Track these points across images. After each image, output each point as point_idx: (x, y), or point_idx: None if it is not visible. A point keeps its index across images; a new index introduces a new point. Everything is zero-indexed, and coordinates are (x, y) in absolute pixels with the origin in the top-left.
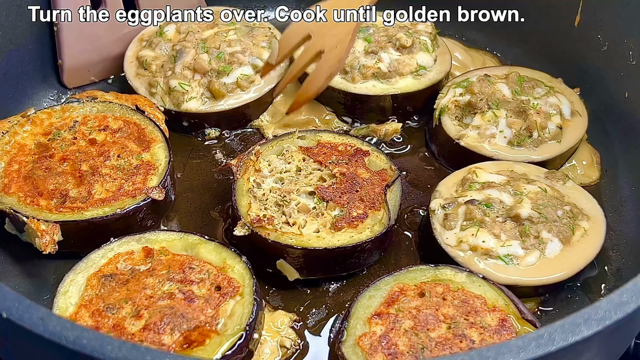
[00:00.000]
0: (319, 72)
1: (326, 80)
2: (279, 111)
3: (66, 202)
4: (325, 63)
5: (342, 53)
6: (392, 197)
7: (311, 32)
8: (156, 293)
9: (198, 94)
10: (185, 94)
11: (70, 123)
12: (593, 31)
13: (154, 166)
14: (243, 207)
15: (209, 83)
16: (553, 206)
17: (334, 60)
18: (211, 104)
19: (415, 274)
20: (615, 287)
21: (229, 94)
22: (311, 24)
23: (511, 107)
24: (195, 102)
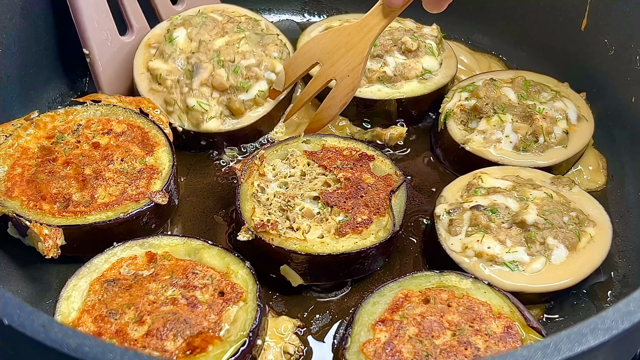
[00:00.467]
0: (332, 101)
1: (340, 108)
2: (293, 121)
3: (69, 206)
4: (339, 92)
5: (355, 82)
6: (397, 203)
7: (319, 60)
8: (159, 298)
9: (217, 113)
10: (204, 113)
11: (74, 126)
12: (600, 35)
13: (158, 170)
14: (247, 212)
15: (229, 101)
16: (559, 212)
17: (348, 88)
18: (231, 122)
19: (420, 280)
20: (621, 294)
21: (247, 111)
22: (319, 52)
23: (517, 112)
24: (215, 122)
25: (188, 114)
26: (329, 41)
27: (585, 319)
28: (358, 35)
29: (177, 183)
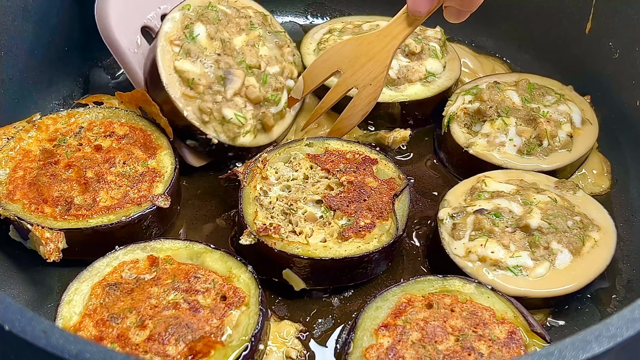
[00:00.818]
0: (353, 110)
1: (361, 117)
2: (299, 126)
3: (71, 209)
4: (360, 101)
5: (377, 91)
6: (400, 207)
7: (340, 68)
8: (161, 303)
9: (252, 127)
10: (241, 127)
11: (76, 129)
12: (604, 38)
13: (160, 173)
14: (249, 216)
15: (264, 116)
16: (563, 216)
17: (369, 97)
18: (262, 137)
19: (423, 285)
20: (625, 299)
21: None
22: (340, 60)
23: (521, 115)
24: (250, 136)
25: (224, 125)
26: (350, 50)
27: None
28: (380, 44)
29: (180, 186)
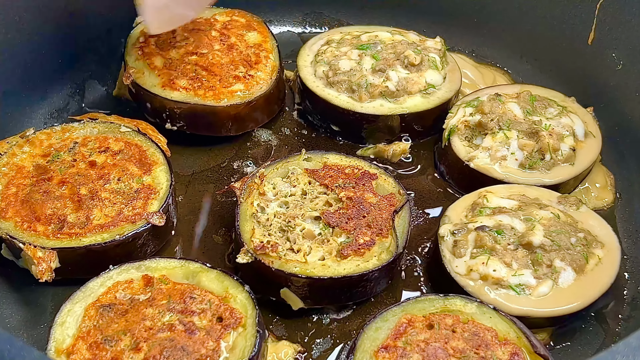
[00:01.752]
0: None
1: None
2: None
3: (64, 227)
4: None
5: None
6: (400, 224)
7: None
8: (156, 324)
9: None
10: None
11: (70, 144)
12: (608, 49)
13: (155, 190)
14: (246, 233)
15: None
16: (566, 233)
17: None
18: None
19: (424, 304)
20: (630, 317)
21: None
22: None
23: (523, 128)
24: None
25: None
26: None
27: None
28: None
29: (175, 202)
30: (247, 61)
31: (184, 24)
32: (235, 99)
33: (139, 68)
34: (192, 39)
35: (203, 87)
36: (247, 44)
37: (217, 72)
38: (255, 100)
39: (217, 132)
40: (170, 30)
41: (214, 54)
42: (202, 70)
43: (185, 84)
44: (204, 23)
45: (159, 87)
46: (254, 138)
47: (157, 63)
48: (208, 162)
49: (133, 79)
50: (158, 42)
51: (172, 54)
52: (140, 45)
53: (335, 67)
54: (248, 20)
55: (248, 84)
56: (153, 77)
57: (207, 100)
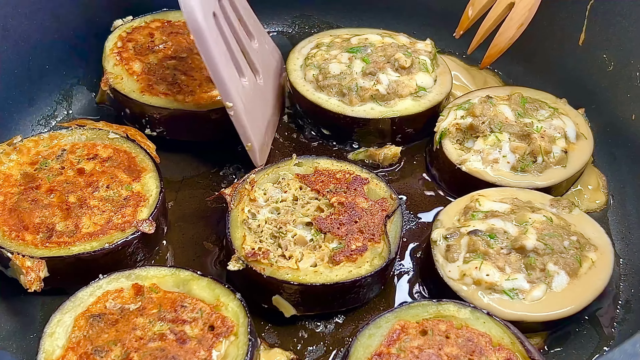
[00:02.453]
0: (509, 23)
1: (518, 30)
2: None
3: (52, 236)
4: (516, 14)
5: (533, 2)
6: (392, 228)
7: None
8: (146, 334)
9: None
10: None
11: (58, 152)
12: (598, 51)
13: (145, 197)
14: (237, 240)
15: None
16: (559, 236)
17: (525, 9)
18: None
19: (417, 310)
20: (624, 320)
21: None
22: None
23: (514, 131)
24: None
25: None
26: None
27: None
28: None
29: (165, 209)
30: None
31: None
32: (215, 103)
33: (118, 73)
34: (171, 42)
35: (183, 92)
36: None
37: (197, 76)
38: None
39: (198, 138)
40: (149, 34)
41: (193, 58)
42: (181, 75)
43: (164, 89)
44: (182, 26)
45: (137, 92)
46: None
47: (135, 68)
48: (198, 168)
49: (111, 85)
50: (136, 46)
51: (151, 59)
52: (118, 50)
53: (325, 70)
54: None
55: None
56: (132, 83)
57: (187, 105)
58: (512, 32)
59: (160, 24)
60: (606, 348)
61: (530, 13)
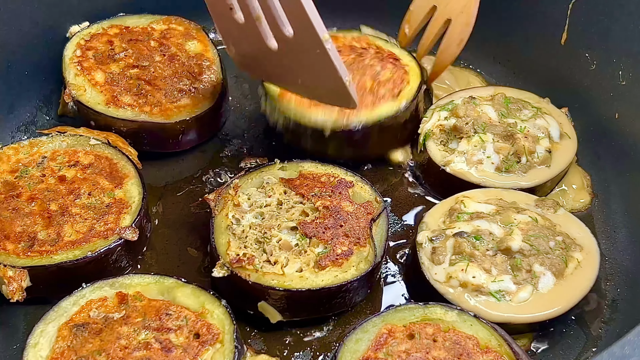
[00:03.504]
0: (449, 40)
1: (458, 46)
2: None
3: (34, 245)
4: (454, 30)
5: (469, 17)
6: (378, 232)
7: (436, 3)
8: (131, 343)
9: None
10: None
11: (39, 159)
12: (581, 50)
13: (127, 204)
14: (222, 246)
15: None
16: (545, 237)
17: (463, 25)
18: None
19: (404, 314)
20: (611, 319)
21: None
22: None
23: (498, 131)
24: None
25: None
26: None
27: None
28: None
29: (149, 216)
30: (191, 73)
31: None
32: (183, 114)
33: (80, 84)
34: (131, 50)
35: (149, 103)
36: (188, 54)
37: (161, 85)
38: (203, 114)
39: (163, 148)
40: (108, 42)
41: (155, 66)
42: (145, 85)
43: (129, 100)
44: (141, 32)
45: (102, 104)
46: (227, 147)
47: (98, 78)
48: (181, 173)
49: (75, 97)
50: (97, 55)
51: (113, 68)
52: (79, 59)
53: None
54: (186, 28)
55: (194, 97)
56: (95, 94)
57: (154, 117)
58: (453, 50)
59: (119, 31)
60: (594, 349)
61: (468, 27)
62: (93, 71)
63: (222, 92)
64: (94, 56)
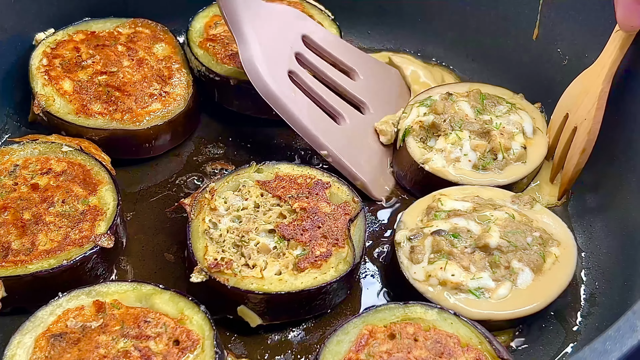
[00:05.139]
0: (573, 150)
1: (581, 156)
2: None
3: (8, 255)
4: (577, 139)
5: (590, 124)
6: (356, 232)
7: (569, 111)
8: (110, 352)
9: None
10: None
11: (10, 167)
12: (552, 45)
13: (102, 211)
14: (199, 251)
15: None
16: (522, 232)
17: (585, 133)
18: None
19: (384, 314)
20: (590, 314)
21: None
22: (568, 102)
23: (474, 128)
24: None
25: None
26: (574, 88)
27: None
28: (593, 75)
29: (124, 222)
30: (160, 76)
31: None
32: (155, 119)
33: (48, 95)
34: (99, 56)
35: (119, 110)
36: (157, 57)
37: (131, 91)
38: (175, 118)
39: (136, 155)
40: (74, 49)
41: (124, 72)
42: (115, 91)
43: (100, 108)
44: (108, 37)
45: (72, 114)
46: (201, 150)
47: (66, 87)
48: (155, 177)
49: (44, 108)
50: (63, 63)
51: (81, 76)
52: (45, 68)
53: None
54: (153, 30)
55: (165, 101)
56: (65, 104)
57: (125, 124)
58: (575, 159)
59: (85, 37)
60: (574, 343)
61: (590, 136)
62: (61, 80)
63: (193, 94)
64: (61, 64)
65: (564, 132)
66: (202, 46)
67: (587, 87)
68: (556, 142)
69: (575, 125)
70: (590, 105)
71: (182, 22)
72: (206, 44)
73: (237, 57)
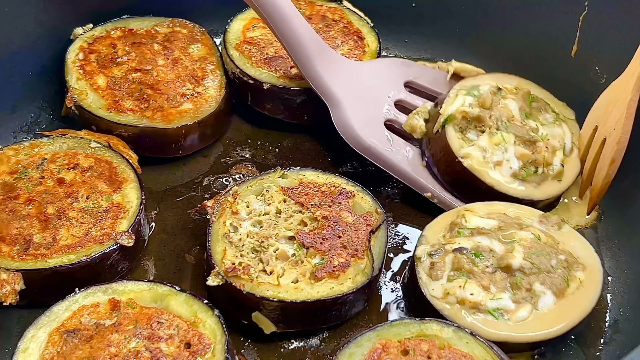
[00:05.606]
0: (602, 161)
1: (610, 167)
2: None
3: (29, 248)
4: (606, 149)
5: (619, 134)
6: (376, 244)
7: (597, 123)
8: (121, 351)
9: None
10: None
11: (39, 161)
12: (591, 63)
13: (125, 209)
14: (217, 254)
15: None
16: (547, 255)
17: (613, 143)
18: None
19: (399, 329)
20: (612, 340)
21: None
22: (596, 115)
23: (521, 134)
24: None
25: None
26: (602, 100)
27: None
28: (622, 85)
29: (146, 221)
30: (194, 77)
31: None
32: (185, 119)
33: (82, 89)
34: (134, 53)
35: (150, 108)
36: (192, 57)
37: (164, 90)
38: (205, 119)
39: (164, 154)
40: (111, 45)
41: (158, 70)
42: (147, 89)
43: (131, 105)
44: (145, 35)
45: (104, 109)
46: (229, 152)
47: (100, 83)
48: (182, 178)
49: (76, 101)
50: (99, 58)
51: (115, 72)
52: (81, 63)
53: None
54: (190, 30)
55: (197, 102)
56: (97, 99)
57: (156, 122)
58: (605, 171)
59: (122, 33)
60: None
61: (619, 146)
62: (95, 75)
63: (225, 96)
64: (97, 60)
65: (593, 144)
66: (238, 48)
67: (616, 97)
68: (585, 155)
69: (605, 136)
70: (619, 115)
71: (221, 23)
72: (242, 46)
73: (272, 61)
